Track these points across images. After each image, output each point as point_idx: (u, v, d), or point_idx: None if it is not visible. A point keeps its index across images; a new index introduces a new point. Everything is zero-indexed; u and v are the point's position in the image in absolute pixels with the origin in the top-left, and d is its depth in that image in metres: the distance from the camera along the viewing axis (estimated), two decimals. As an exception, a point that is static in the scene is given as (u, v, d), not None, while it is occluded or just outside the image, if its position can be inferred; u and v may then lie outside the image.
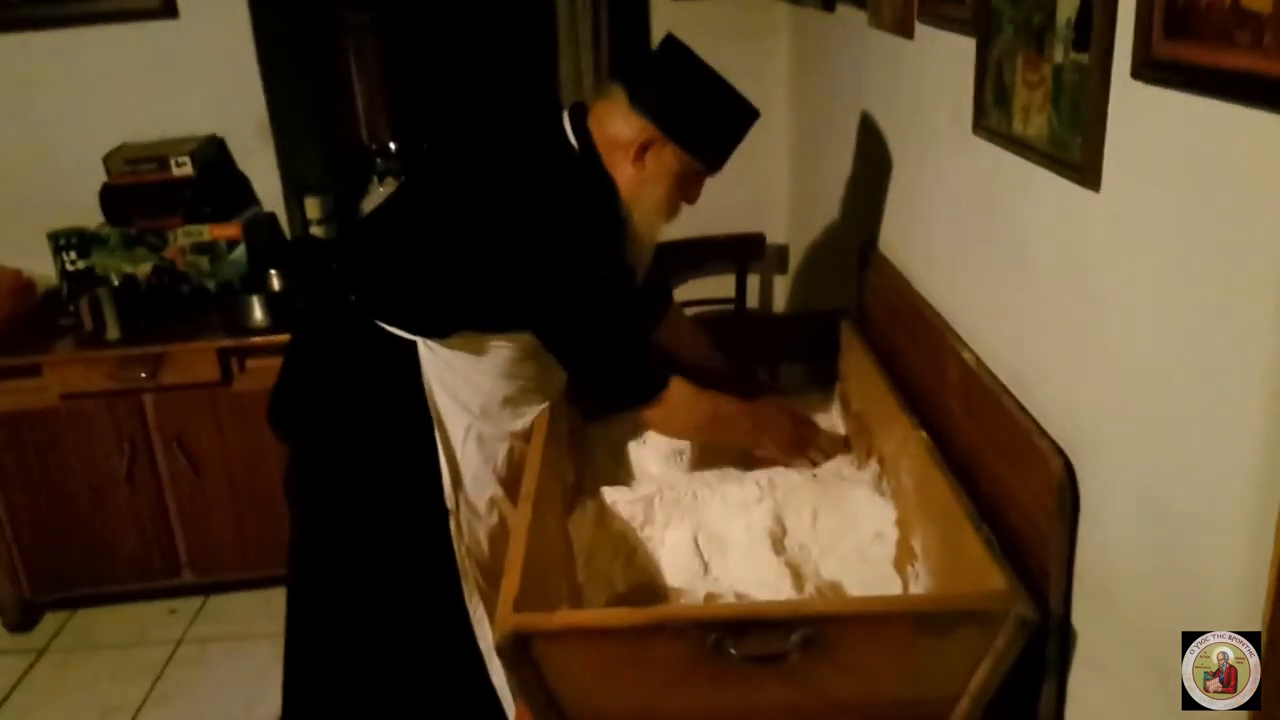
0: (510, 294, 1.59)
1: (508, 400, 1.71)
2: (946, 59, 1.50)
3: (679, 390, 1.62)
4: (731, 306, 3.01)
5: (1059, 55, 1.12)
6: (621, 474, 1.77)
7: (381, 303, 1.66)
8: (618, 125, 1.60)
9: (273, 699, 2.49)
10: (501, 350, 1.67)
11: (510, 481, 1.72)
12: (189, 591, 2.94)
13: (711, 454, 1.77)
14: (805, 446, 1.74)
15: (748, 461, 1.74)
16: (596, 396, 1.75)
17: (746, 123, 1.62)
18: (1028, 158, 1.22)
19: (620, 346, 1.63)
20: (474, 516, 1.72)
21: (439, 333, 1.64)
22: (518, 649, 1.09)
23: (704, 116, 1.59)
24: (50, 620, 2.91)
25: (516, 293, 1.59)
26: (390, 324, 1.64)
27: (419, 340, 1.64)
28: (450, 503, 1.69)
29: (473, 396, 1.68)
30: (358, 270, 1.72)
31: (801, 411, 1.83)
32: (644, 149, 1.58)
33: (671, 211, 1.67)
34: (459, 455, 1.69)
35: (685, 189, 1.65)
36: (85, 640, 2.83)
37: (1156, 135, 0.94)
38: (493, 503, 1.72)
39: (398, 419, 1.68)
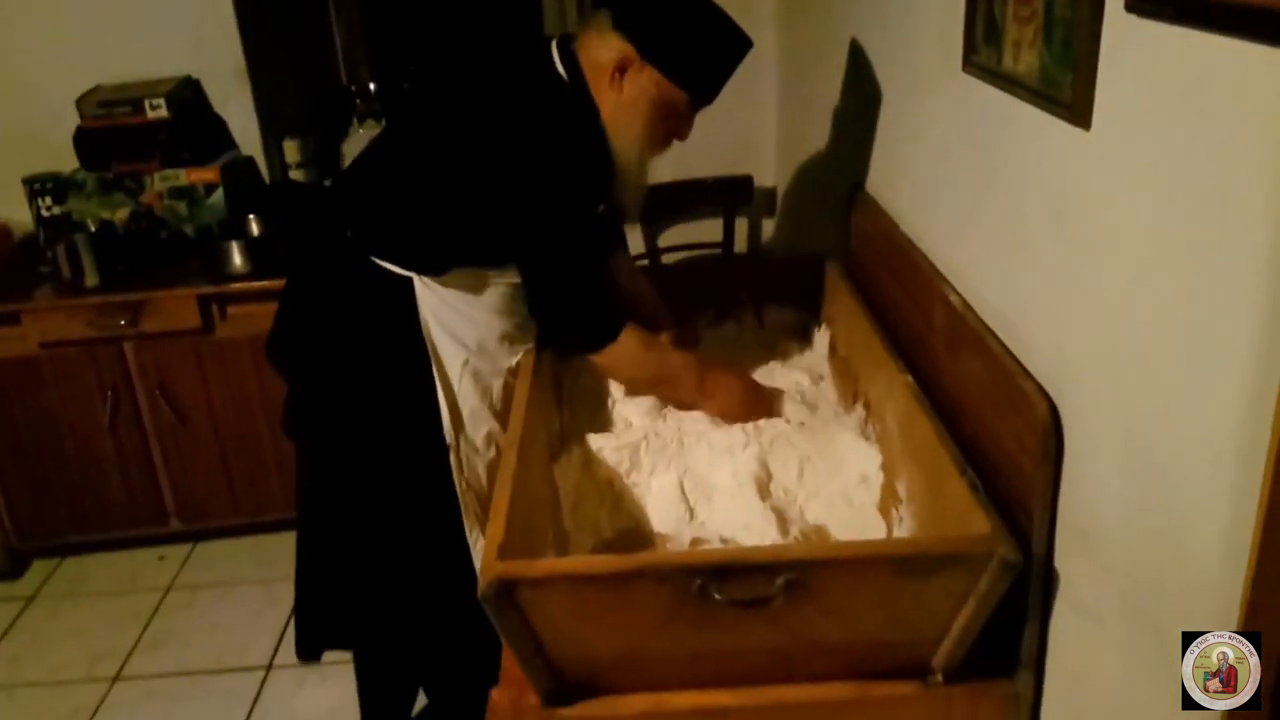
0: (499, 226, 1.58)
1: (505, 336, 1.71)
2: (937, -7, 1.47)
3: (628, 341, 1.62)
4: (719, 251, 2.98)
5: (1051, -12, 1.09)
6: (607, 420, 1.76)
7: (377, 239, 1.65)
8: (599, 48, 1.56)
9: (263, 643, 2.54)
10: (498, 287, 1.66)
11: (505, 417, 1.72)
12: (177, 539, 2.94)
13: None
14: (751, 416, 1.66)
15: None
16: (549, 334, 1.73)
17: (735, 51, 1.55)
18: (1018, 95, 1.19)
19: (581, 288, 1.61)
20: (473, 451, 1.73)
21: (435, 269, 1.63)
22: (502, 596, 1.09)
23: (685, 39, 1.53)
24: (39, 568, 2.92)
25: (504, 224, 1.57)
26: (386, 260, 1.64)
27: (415, 277, 1.63)
28: (450, 438, 1.70)
29: (470, 333, 1.67)
30: (352, 207, 1.71)
31: (752, 378, 1.76)
32: (621, 71, 1.54)
33: (654, 142, 1.61)
34: (457, 391, 1.69)
35: (670, 121, 1.59)
36: (75, 587, 2.84)
37: (1149, 71, 0.91)
38: (490, 438, 1.73)
39: (395, 356, 1.67)
